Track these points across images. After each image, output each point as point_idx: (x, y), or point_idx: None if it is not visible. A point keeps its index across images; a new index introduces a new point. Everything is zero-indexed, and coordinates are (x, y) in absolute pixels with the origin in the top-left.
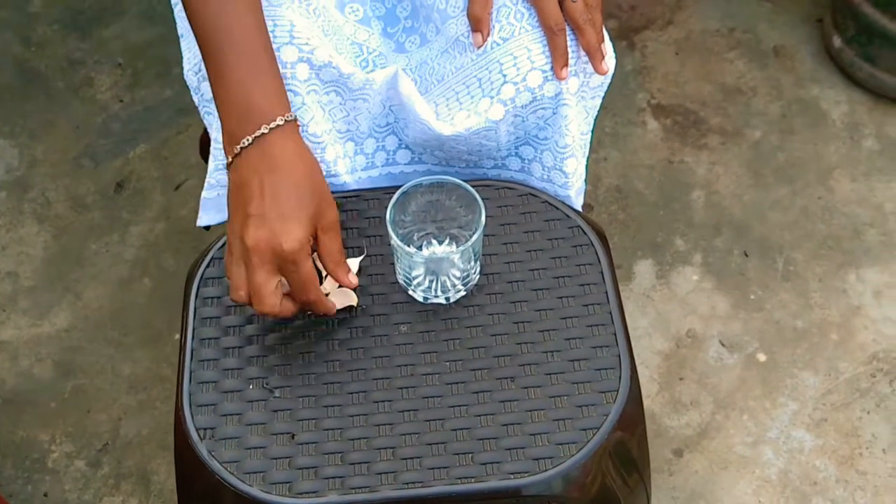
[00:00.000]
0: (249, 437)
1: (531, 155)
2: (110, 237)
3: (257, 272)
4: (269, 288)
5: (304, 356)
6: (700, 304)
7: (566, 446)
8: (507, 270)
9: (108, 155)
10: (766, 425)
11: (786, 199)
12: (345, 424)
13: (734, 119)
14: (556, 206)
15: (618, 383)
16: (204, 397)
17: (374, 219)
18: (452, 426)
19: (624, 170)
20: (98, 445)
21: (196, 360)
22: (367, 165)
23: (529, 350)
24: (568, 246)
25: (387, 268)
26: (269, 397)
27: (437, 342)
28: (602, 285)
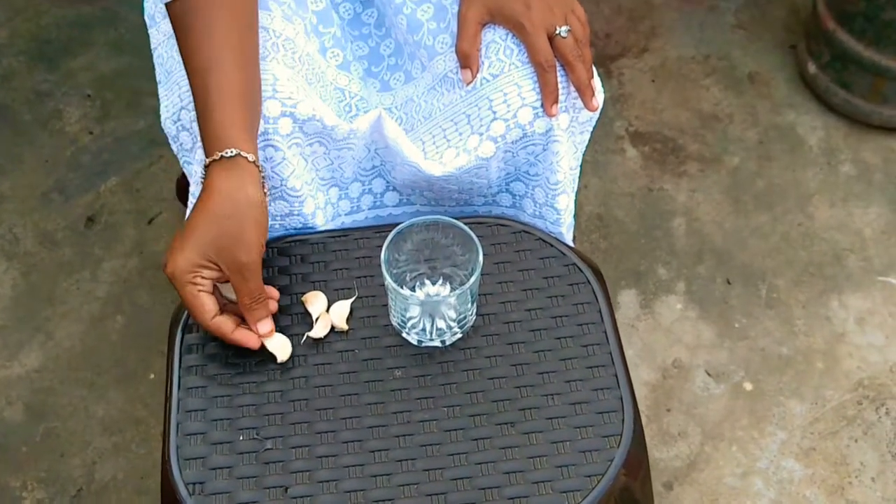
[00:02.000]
0: (241, 492)
1: (522, 191)
2: (81, 274)
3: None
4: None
5: (296, 404)
6: (685, 333)
7: (571, 494)
8: (504, 310)
9: (79, 189)
10: (755, 455)
11: (766, 226)
12: (340, 476)
13: (712, 146)
14: (551, 243)
15: (621, 427)
16: (192, 450)
17: (363, 259)
18: (452, 475)
19: (604, 198)
20: (72, 491)
21: (182, 411)
22: (352, 209)
23: (529, 393)
24: (564, 284)
25: (378, 310)
26: (261, 448)
27: (434, 387)
28: (601, 324)
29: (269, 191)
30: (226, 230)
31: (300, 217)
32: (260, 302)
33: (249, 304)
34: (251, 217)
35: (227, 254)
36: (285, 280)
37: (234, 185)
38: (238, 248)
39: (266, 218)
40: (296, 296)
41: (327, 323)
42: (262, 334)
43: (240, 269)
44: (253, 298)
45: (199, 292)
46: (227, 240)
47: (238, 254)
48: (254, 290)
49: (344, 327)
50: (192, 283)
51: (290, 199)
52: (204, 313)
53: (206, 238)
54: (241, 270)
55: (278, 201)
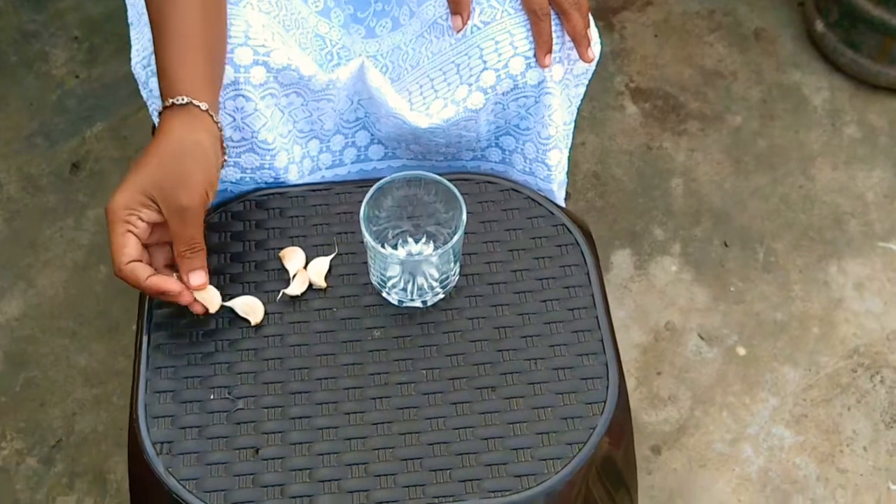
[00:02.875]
0: (210, 452)
1: (512, 146)
2: (65, 221)
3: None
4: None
5: (270, 363)
6: (679, 295)
7: (550, 462)
8: (488, 271)
9: (64, 134)
10: (745, 421)
11: (766, 188)
12: (313, 438)
13: (714, 104)
14: (540, 202)
15: (605, 394)
16: (161, 408)
17: (344, 214)
18: (429, 440)
19: (602, 155)
20: (51, 442)
21: (152, 368)
22: (334, 163)
23: (511, 357)
24: (552, 245)
25: (358, 268)
26: (232, 408)
27: (413, 348)
28: (588, 287)
29: (238, 142)
30: (170, 171)
31: (271, 171)
32: (196, 251)
33: (184, 251)
34: (198, 161)
35: (168, 195)
36: (262, 234)
37: (183, 129)
38: (180, 191)
39: (215, 167)
40: (273, 251)
41: (305, 280)
42: (195, 286)
43: (180, 213)
44: (189, 246)
45: (127, 232)
46: (171, 181)
47: (180, 196)
48: (191, 238)
49: (322, 285)
50: (126, 220)
51: (260, 152)
52: (122, 254)
53: (149, 177)
54: (182, 214)
55: (248, 154)
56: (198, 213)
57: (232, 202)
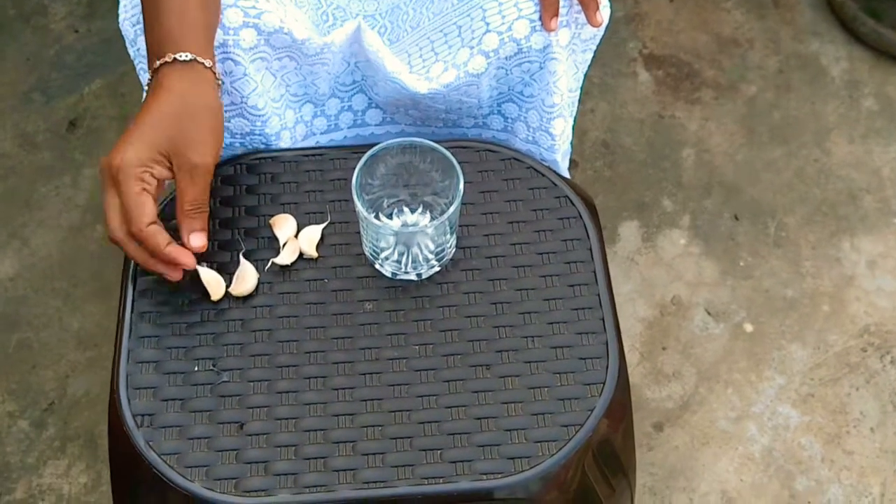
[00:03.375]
0: (193, 426)
1: (515, 113)
2: (61, 180)
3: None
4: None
5: (257, 335)
6: (687, 269)
7: (545, 444)
8: (487, 244)
9: (61, 90)
10: (750, 399)
11: (780, 161)
12: (300, 414)
13: (729, 73)
14: (543, 172)
15: (604, 374)
16: (143, 379)
17: (338, 181)
18: (420, 418)
19: (611, 123)
20: (43, 405)
21: (135, 337)
22: (329, 128)
23: (508, 335)
24: (554, 218)
25: (352, 237)
26: (217, 381)
27: (406, 323)
28: (590, 263)
29: (228, 107)
30: (181, 129)
31: (261, 137)
32: (200, 211)
33: (189, 210)
34: (209, 120)
35: (182, 152)
36: (252, 200)
37: (188, 86)
38: (193, 148)
39: (222, 126)
40: (263, 218)
41: (295, 249)
42: (195, 248)
43: (191, 171)
44: (195, 205)
45: (143, 190)
46: (185, 138)
47: (192, 153)
48: (198, 196)
49: (314, 254)
50: (140, 178)
51: (250, 118)
52: (143, 215)
53: (162, 134)
54: (193, 172)
55: (238, 119)
56: (207, 173)
57: (223, 165)
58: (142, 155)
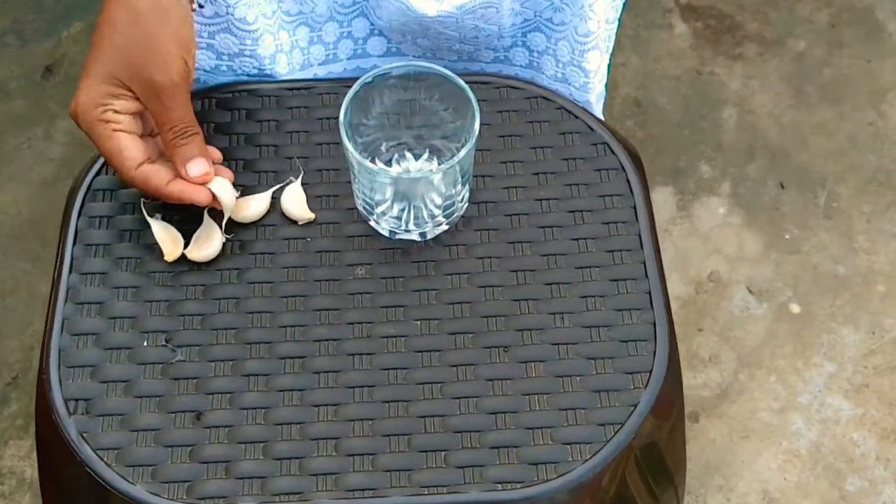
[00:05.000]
0: (138, 415)
1: (542, 45)
2: (34, 131)
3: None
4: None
5: (222, 304)
6: (726, 242)
7: (577, 447)
8: (506, 199)
9: (38, 33)
10: (796, 389)
11: (831, 124)
12: (271, 402)
13: (775, 26)
14: (577, 114)
15: (651, 361)
16: (79, 355)
17: (328, 120)
18: (420, 411)
19: (644, 79)
20: (7, 378)
21: (72, 302)
22: (328, 58)
23: (531, 309)
24: (590, 169)
25: (343, 188)
26: (170, 359)
27: (406, 293)
28: (633, 224)
29: (211, 19)
30: (132, 43)
31: (253, 59)
32: (188, 136)
33: (174, 139)
34: (161, 25)
35: (139, 73)
36: (222, 141)
37: None
38: (151, 65)
39: (185, 29)
40: (237, 163)
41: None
42: (196, 178)
43: (157, 93)
44: (177, 132)
45: (114, 132)
46: (137, 55)
47: (152, 72)
48: (177, 120)
49: (309, 217)
50: (103, 119)
51: (238, 34)
52: (124, 159)
53: (111, 58)
54: (159, 94)
55: (224, 35)
56: (179, 90)
57: None
58: (94, 93)
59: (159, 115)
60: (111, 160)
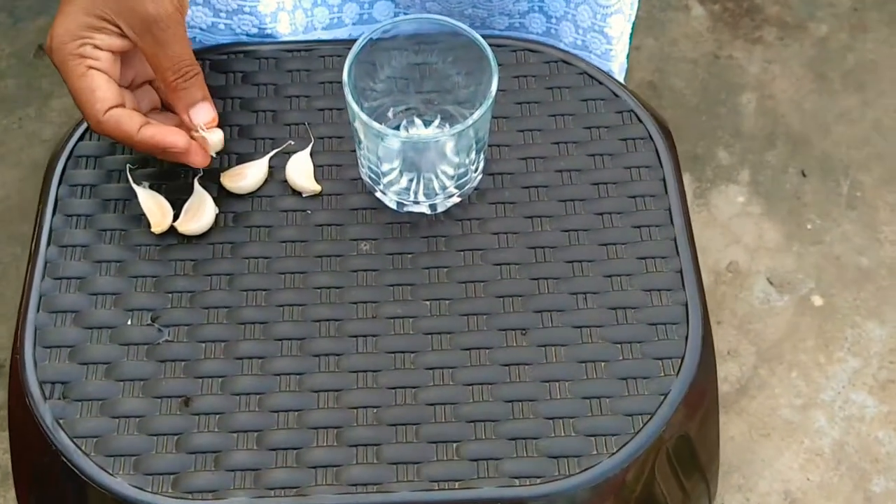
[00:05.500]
0: (121, 400)
1: (561, 10)
2: (25, 111)
3: None
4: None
5: (214, 280)
6: (745, 231)
7: (602, 439)
8: (524, 170)
9: (31, 10)
10: (819, 385)
11: (855, 111)
12: (266, 387)
13: (796, 9)
14: (600, 79)
15: (682, 346)
16: (57, 334)
17: (330, 84)
18: (429, 398)
19: (660, 63)
20: None
21: (50, 277)
22: (332, 22)
23: (551, 289)
24: (614, 138)
25: (346, 157)
26: (156, 340)
27: (414, 270)
28: (663, 198)
29: None
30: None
31: (253, 17)
32: (190, 77)
33: (175, 80)
34: None
35: (127, 4)
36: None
37: None
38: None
39: None
40: (231, 129)
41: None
42: (202, 123)
43: (149, 28)
44: (179, 73)
45: (88, 69)
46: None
47: (145, 4)
48: (176, 58)
49: (315, 188)
50: (78, 54)
51: None
52: (96, 100)
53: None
54: (152, 29)
55: None
56: (174, 22)
57: None
58: (73, 25)
59: (155, 54)
60: (80, 101)
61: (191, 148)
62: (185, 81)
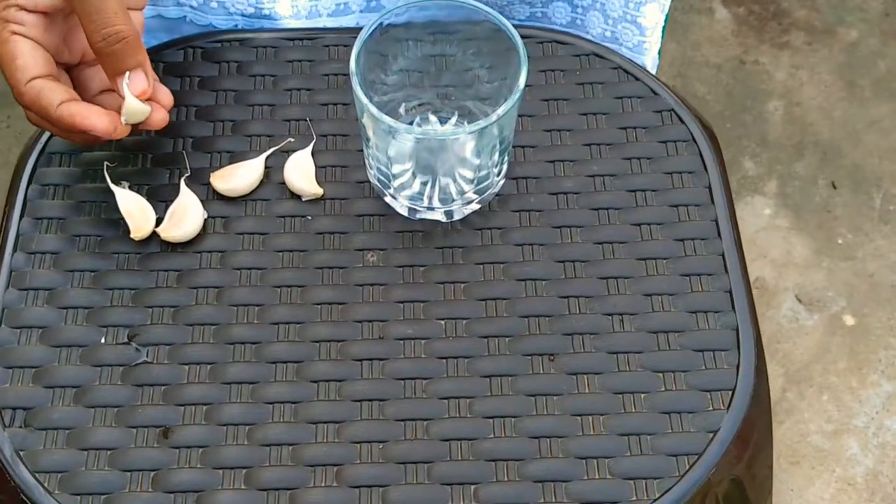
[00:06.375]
0: (91, 430)
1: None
2: (15, 109)
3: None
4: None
5: (199, 294)
6: (773, 245)
7: (642, 482)
8: (551, 174)
9: None
10: (851, 410)
11: (887, 120)
12: (256, 418)
13: (825, 14)
14: (636, 75)
15: (734, 376)
16: (21, 353)
17: (335, 77)
18: (443, 433)
19: (682, 68)
20: None
21: (15, 288)
22: (338, 9)
23: (582, 309)
24: (653, 140)
25: (351, 157)
26: (133, 361)
27: (427, 285)
28: (709, 207)
29: None
30: None
31: None
32: (121, 40)
33: (102, 44)
34: None
35: None
36: (208, 99)
37: None
38: None
39: None
40: (223, 125)
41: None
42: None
43: None
44: (106, 35)
45: (12, 34)
46: None
47: None
48: (103, 18)
49: (316, 192)
50: (2, 18)
51: None
52: (16, 69)
53: None
54: None
55: None
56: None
57: (167, 49)
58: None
59: (83, 14)
60: (4, 71)
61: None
62: (111, 46)
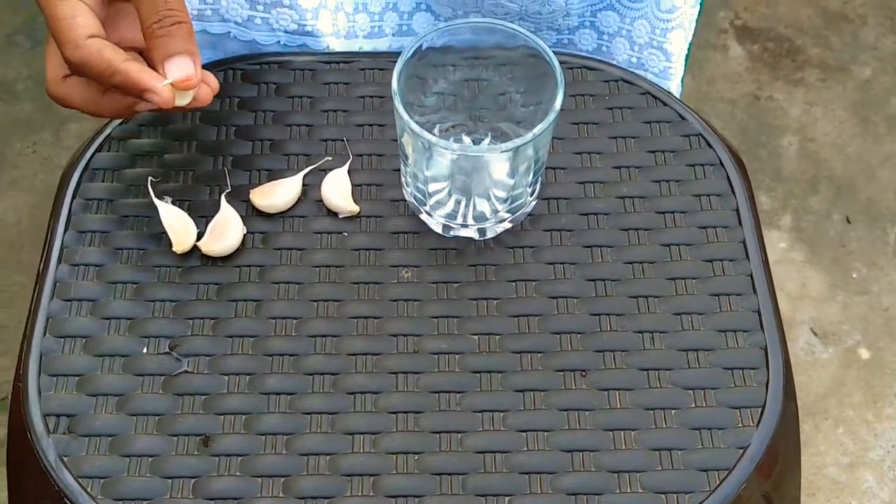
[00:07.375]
0: (133, 437)
1: (615, 26)
2: (41, 135)
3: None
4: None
5: (239, 307)
6: (788, 279)
7: (672, 498)
8: (581, 195)
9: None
10: (867, 443)
11: None
12: (293, 427)
13: (838, 52)
14: (664, 100)
15: (763, 394)
16: (65, 361)
17: (370, 99)
18: (476, 445)
19: (698, 103)
20: None
21: (60, 298)
22: (373, 31)
23: (613, 326)
24: (681, 164)
25: (387, 176)
26: (174, 370)
27: (461, 301)
28: (737, 229)
29: None
30: None
31: (293, 11)
32: (174, 24)
33: (151, 25)
34: None
35: None
36: (247, 119)
37: None
38: None
39: None
40: (261, 144)
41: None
42: (179, 80)
43: None
44: (160, 16)
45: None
46: None
47: None
48: (165, 2)
49: (353, 209)
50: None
51: None
52: (76, 25)
53: None
54: None
55: None
56: None
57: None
58: None
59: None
60: (58, 28)
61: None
62: (163, 28)
